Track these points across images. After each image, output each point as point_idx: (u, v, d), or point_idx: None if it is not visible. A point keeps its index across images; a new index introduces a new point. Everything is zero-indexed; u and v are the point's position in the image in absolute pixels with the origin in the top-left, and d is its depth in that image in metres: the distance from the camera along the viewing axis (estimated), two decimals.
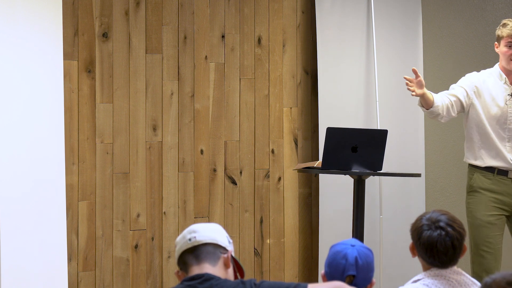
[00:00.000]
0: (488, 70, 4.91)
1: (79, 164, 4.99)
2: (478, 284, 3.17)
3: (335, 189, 5.51)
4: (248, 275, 5.37)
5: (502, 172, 4.81)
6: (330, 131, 4.64)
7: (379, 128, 5.52)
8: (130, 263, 5.13)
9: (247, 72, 5.47)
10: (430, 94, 4.71)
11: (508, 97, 4.76)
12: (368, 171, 4.68)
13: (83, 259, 5.01)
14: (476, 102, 4.81)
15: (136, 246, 5.15)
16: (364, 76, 5.67)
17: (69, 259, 4.92)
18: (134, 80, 5.15)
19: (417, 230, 3.09)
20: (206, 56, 5.35)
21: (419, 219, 3.11)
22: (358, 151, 4.65)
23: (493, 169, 4.81)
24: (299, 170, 4.97)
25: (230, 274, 2.96)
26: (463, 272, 3.16)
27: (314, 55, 5.63)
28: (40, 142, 4.52)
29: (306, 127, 5.65)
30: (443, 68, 6.03)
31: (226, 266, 2.94)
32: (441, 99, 4.76)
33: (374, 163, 4.68)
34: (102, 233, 5.05)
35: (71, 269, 4.95)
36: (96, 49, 5.04)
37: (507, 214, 4.84)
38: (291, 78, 5.60)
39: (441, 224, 3.05)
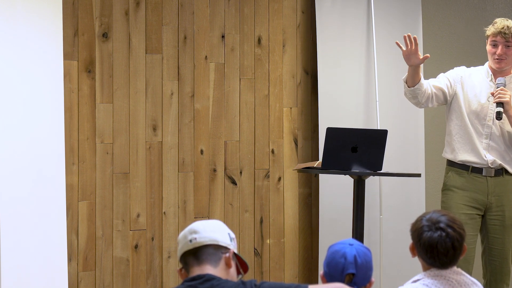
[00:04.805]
0: (478, 67, 4.94)
1: (79, 164, 4.99)
2: (478, 284, 3.18)
3: (335, 189, 5.51)
4: (248, 275, 5.37)
5: (476, 169, 4.78)
6: (330, 131, 4.64)
7: (379, 128, 5.52)
8: (130, 263, 5.13)
9: (247, 72, 5.47)
10: (421, 73, 4.73)
11: (490, 94, 4.77)
12: (368, 171, 4.67)
13: (83, 259, 5.01)
14: (460, 94, 4.83)
15: (136, 246, 5.15)
16: (364, 76, 5.67)
17: (69, 259, 4.92)
18: (134, 80, 5.15)
19: (417, 231, 3.09)
20: (206, 56, 5.35)
21: (419, 219, 3.11)
22: (358, 151, 4.65)
23: (468, 166, 4.80)
24: (299, 170, 4.97)
25: (232, 274, 2.95)
26: (463, 272, 3.16)
27: (314, 55, 5.63)
28: (40, 142, 4.52)
29: (306, 127, 5.65)
30: (443, 68, 6.03)
31: (227, 266, 2.93)
32: (427, 84, 4.79)
33: (374, 163, 4.68)
34: (102, 233, 5.05)
35: (71, 269, 4.95)
36: (96, 49, 5.04)
37: (482, 213, 4.81)
38: (291, 78, 5.60)
39: (442, 225, 3.05)
